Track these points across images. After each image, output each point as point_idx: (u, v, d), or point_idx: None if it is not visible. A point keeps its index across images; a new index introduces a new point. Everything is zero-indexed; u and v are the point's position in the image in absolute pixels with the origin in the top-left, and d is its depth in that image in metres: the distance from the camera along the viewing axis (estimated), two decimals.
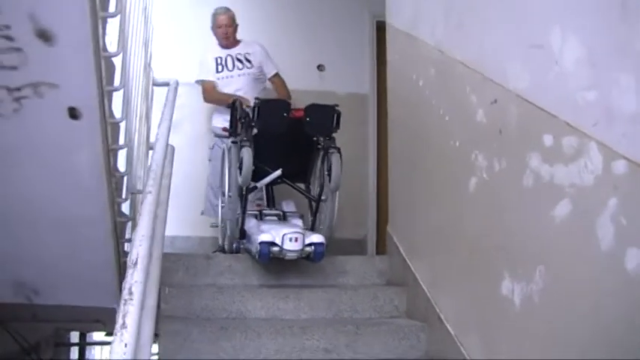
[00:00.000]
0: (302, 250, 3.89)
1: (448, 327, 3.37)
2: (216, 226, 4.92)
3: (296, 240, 3.85)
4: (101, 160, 2.94)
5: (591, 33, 2.30)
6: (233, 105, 4.63)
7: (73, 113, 2.69)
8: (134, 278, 1.90)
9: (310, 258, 3.96)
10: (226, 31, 5.52)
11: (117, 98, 3.07)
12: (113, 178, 3.16)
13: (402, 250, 4.22)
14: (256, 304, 3.78)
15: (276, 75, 5.55)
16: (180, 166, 4.48)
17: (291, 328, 3.51)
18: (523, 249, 2.71)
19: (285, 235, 3.83)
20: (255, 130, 4.30)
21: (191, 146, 5.74)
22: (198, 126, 6.01)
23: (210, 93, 5.46)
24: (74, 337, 8.36)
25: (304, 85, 5.43)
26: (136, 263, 1.97)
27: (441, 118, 3.62)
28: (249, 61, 5.53)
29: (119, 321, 1.71)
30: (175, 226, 4.72)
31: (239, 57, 5.53)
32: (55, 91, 2.62)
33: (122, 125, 3.17)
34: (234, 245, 4.45)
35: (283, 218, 4.59)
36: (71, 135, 2.84)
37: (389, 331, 3.63)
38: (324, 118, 4.30)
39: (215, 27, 5.56)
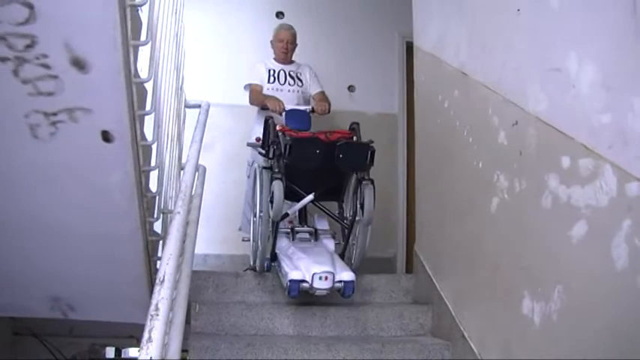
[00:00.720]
0: (331, 287, 3.83)
1: (472, 345, 3.41)
2: (248, 240, 4.85)
3: (326, 279, 3.78)
4: (133, 181, 3.03)
5: (606, 57, 2.35)
6: (266, 123, 4.61)
7: (106, 136, 2.79)
8: (161, 295, 1.99)
9: (340, 293, 3.90)
10: (287, 47, 5.54)
11: (149, 121, 3.17)
12: (145, 198, 3.25)
13: (428, 269, 4.27)
14: (283, 322, 3.85)
15: (321, 92, 5.55)
16: (212, 186, 4.59)
17: (316, 345, 3.56)
18: (542, 268, 2.75)
19: (316, 275, 3.77)
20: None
21: (222, 166, 5.86)
22: (229, 147, 6.11)
23: (257, 94, 5.37)
24: (110, 352, 8.45)
25: (335, 106, 5.48)
26: (163, 280, 2.05)
27: (465, 139, 3.68)
28: (300, 79, 5.56)
29: (145, 335, 1.79)
30: (207, 245, 4.83)
31: (292, 73, 5.54)
32: (89, 115, 2.71)
33: (154, 147, 3.27)
34: (266, 264, 4.41)
35: (315, 236, 4.56)
36: (104, 157, 2.93)
37: (413, 349, 3.67)
38: (357, 156, 4.21)
39: (276, 40, 5.59)
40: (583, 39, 2.51)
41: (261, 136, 4.76)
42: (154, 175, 3.41)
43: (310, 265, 3.84)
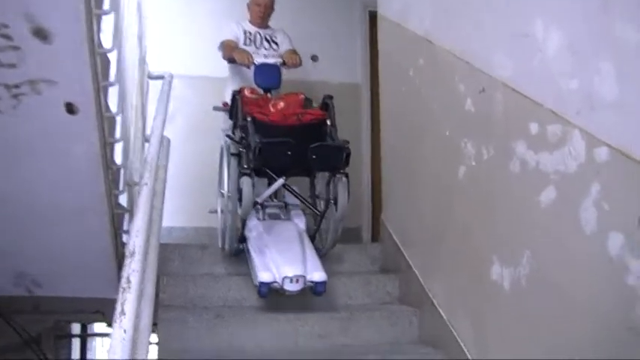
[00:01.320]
0: (302, 289, 3.67)
1: (440, 311, 3.44)
2: (215, 212, 4.75)
3: (297, 281, 3.62)
4: (98, 153, 2.99)
5: (573, 22, 2.36)
6: (234, 98, 4.40)
7: (70, 108, 2.74)
8: (132, 267, 1.97)
9: (311, 291, 3.73)
10: (264, 12, 5.34)
11: (113, 93, 3.12)
12: (110, 170, 3.21)
13: (395, 238, 4.28)
14: (251, 292, 3.83)
15: (292, 49, 5.27)
16: (176, 158, 4.54)
17: (285, 315, 3.57)
18: (511, 234, 2.78)
19: (286, 278, 3.60)
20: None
21: (185, 138, 5.78)
22: (191, 118, 6.04)
23: (228, 48, 5.07)
24: (75, 328, 8.39)
25: (298, 76, 5.44)
26: (133, 253, 2.03)
27: (431, 107, 3.68)
28: (276, 43, 5.35)
29: (118, 308, 1.77)
30: (171, 218, 4.78)
31: (267, 37, 5.34)
32: (53, 87, 2.66)
33: (118, 119, 3.22)
34: (235, 247, 4.20)
35: (285, 211, 4.44)
36: (68, 129, 2.88)
37: (382, 317, 3.71)
38: (331, 158, 3.96)
39: (253, 4, 5.36)
40: (549, 4, 2.52)
41: (229, 101, 4.59)
42: (118, 148, 3.37)
43: (281, 266, 3.69)
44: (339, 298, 3.99)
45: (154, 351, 3.15)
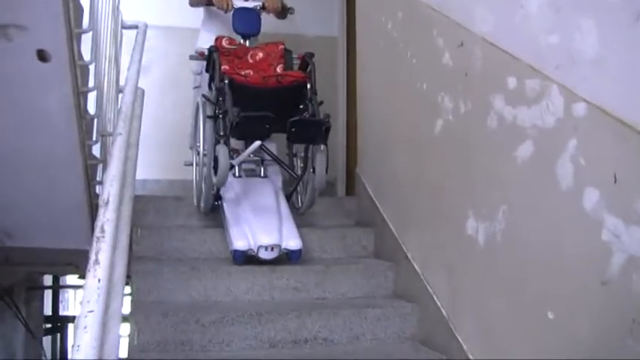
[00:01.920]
0: (277, 257, 3.66)
1: (415, 266, 3.46)
2: (190, 165, 4.57)
3: (272, 249, 3.63)
4: (71, 103, 2.95)
5: None
6: (210, 55, 4.13)
7: (42, 55, 2.69)
8: (106, 217, 1.94)
9: (287, 257, 3.71)
10: None
11: (86, 41, 3.06)
12: (83, 120, 3.17)
13: (371, 192, 4.29)
14: (227, 245, 3.82)
15: None
16: (149, 110, 4.47)
17: (260, 267, 3.56)
18: (487, 189, 2.78)
19: (261, 247, 3.60)
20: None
21: (159, 89, 5.71)
22: (166, 69, 5.95)
23: None
24: (47, 280, 8.39)
25: (274, 29, 5.36)
26: (107, 202, 2.01)
27: (408, 60, 3.66)
28: None
29: (92, 257, 1.75)
30: (145, 170, 4.73)
31: None
32: (24, 33, 2.60)
33: (91, 68, 3.17)
34: (210, 205, 4.14)
35: (261, 168, 4.27)
36: (40, 78, 2.83)
37: (357, 270, 3.71)
38: (311, 132, 3.76)
39: None
40: None
41: (206, 51, 4.25)
42: (91, 98, 3.32)
43: (257, 234, 3.66)
44: (315, 252, 3.99)
45: (127, 303, 3.15)
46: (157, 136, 5.56)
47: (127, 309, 3.05)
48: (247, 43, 4.59)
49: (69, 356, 1.55)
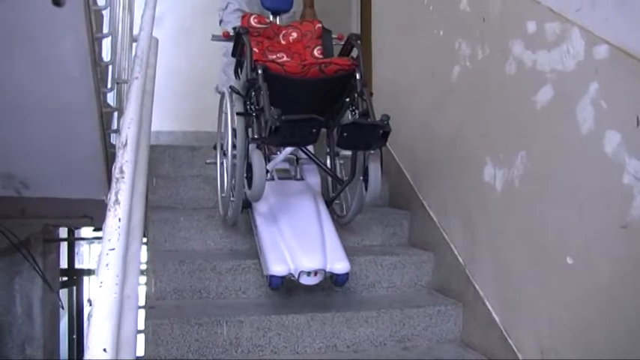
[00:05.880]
0: (321, 281, 3.07)
1: (431, 214, 3.46)
2: (213, 163, 3.80)
3: (315, 274, 3.02)
4: (86, 48, 2.94)
5: None
6: (238, 35, 3.39)
7: (57, 0, 2.67)
8: (125, 158, 1.94)
9: (332, 281, 3.13)
10: None
11: None
12: (98, 67, 3.16)
13: None
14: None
15: None
16: (163, 61, 4.44)
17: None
18: (505, 135, 2.76)
19: (303, 272, 2.99)
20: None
21: (173, 41, 5.68)
22: (179, 20, 5.94)
23: None
24: (63, 232, 8.43)
25: None
26: (125, 144, 2.00)
27: (425, 7, 3.62)
28: None
29: (112, 198, 1.75)
30: (159, 122, 4.72)
31: None
32: None
33: (105, 14, 3.15)
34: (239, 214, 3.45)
35: (296, 168, 3.70)
36: (55, 23, 2.81)
37: (372, 219, 3.71)
38: (366, 138, 3.02)
39: None
40: None
41: (231, 31, 3.54)
42: (106, 45, 3.30)
43: (297, 257, 3.03)
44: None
45: (143, 252, 3.15)
46: (170, 87, 5.56)
47: (143, 258, 3.05)
48: (277, 20, 4.05)
49: (91, 297, 1.55)
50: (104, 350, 1.31)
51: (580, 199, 2.24)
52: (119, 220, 1.67)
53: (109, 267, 1.51)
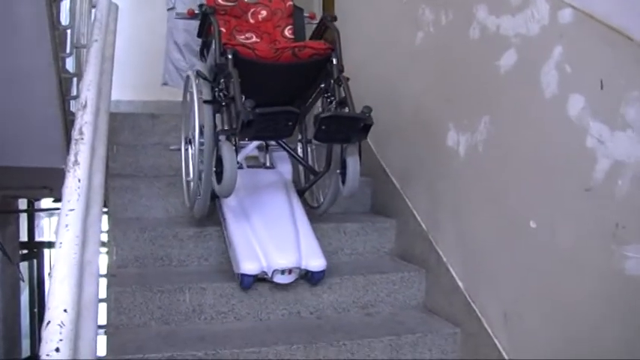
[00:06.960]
0: (295, 279, 2.96)
1: (393, 180, 3.46)
2: (177, 149, 3.58)
3: (289, 272, 2.91)
4: (43, 12, 2.86)
5: None
6: (204, 15, 3.21)
7: None
8: (84, 119, 1.90)
9: (306, 279, 3.01)
10: None
11: None
12: (56, 31, 3.09)
13: None
14: None
15: None
16: (123, 29, 4.36)
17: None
18: (469, 101, 2.76)
19: (276, 271, 2.88)
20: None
21: (133, 8, 5.60)
22: None
23: None
24: (22, 205, 8.34)
25: None
26: (85, 105, 1.96)
27: None
28: None
29: (71, 159, 1.72)
30: (119, 91, 4.65)
31: None
32: None
33: None
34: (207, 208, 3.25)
35: (266, 154, 3.54)
36: None
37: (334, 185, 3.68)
38: (347, 131, 2.82)
39: None
40: None
41: (197, 9, 3.33)
42: (65, 9, 3.23)
43: (270, 254, 2.91)
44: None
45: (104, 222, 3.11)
46: (130, 55, 5.47)
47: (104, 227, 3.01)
48: None
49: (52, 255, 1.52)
50: (64, 311, 1.28)
51: (544, 163, 2.25)
52: (79, 180, 1.64)
53: (69, 228, 1.48)
